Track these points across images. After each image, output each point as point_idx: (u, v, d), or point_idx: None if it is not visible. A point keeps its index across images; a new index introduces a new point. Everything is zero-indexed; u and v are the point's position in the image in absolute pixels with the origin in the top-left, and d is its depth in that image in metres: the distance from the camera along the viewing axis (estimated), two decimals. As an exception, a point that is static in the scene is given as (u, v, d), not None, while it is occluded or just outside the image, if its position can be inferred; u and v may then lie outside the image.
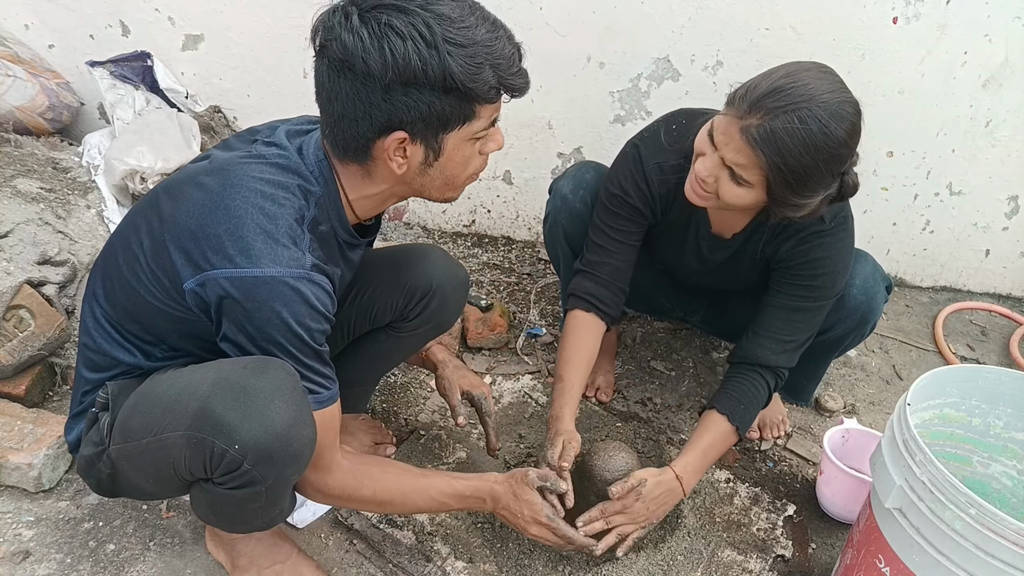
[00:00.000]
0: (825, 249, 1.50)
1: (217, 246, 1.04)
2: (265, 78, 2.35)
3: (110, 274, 1.18)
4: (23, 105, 2.14)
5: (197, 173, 1.13)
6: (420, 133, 1.07)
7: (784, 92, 1.24)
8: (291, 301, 1.05)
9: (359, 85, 1.02)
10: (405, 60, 0.99)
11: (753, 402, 1.57)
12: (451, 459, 1.76)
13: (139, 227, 1.14)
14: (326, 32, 1.03)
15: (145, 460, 1.13)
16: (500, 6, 2.18)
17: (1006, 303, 2.74)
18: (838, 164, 1.29)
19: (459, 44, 1.01)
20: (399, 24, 0.98)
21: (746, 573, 1.55)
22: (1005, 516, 0.99)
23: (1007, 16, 2.18)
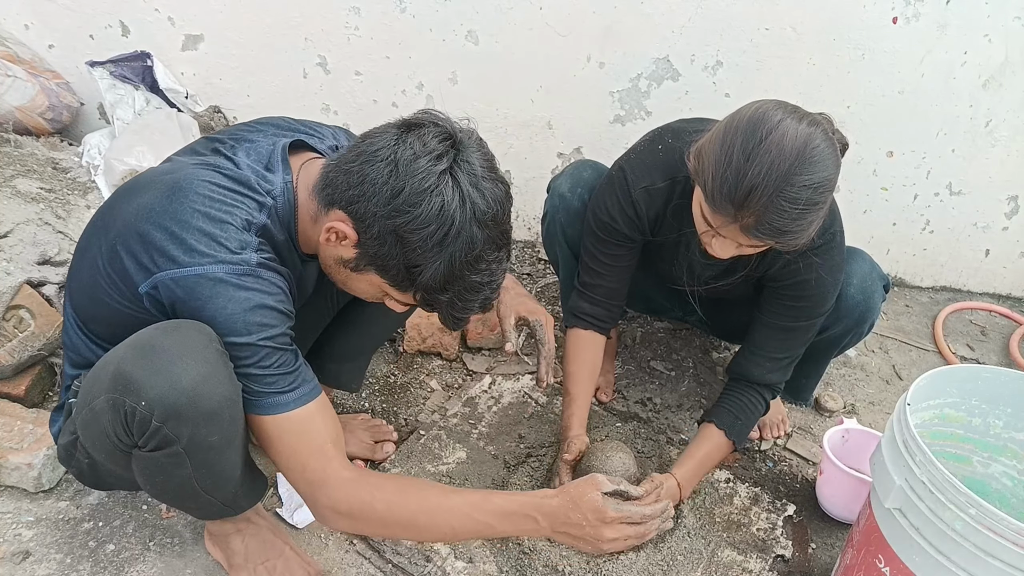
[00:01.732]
0: (814, 269, 1.49)
1: (162, 248, 1.03)
2: (265, 78, 2.35)
3: (77, 276, 1.18)
4: (23, 105, 2.14)
5: (152, 177, 1.13)
6: (363, 251, 1.10)
7: (759, 185, 1.21)
8: (236, 298, 1.04)
9: (382, 185, 1.04)
10: (418, 226, 1.04)
11: (749, 416, 1.64)
12: (451, 459, 1.76)
13: (99, 230, 1.14)
14: (421, 136, 1.05)
15: (89, 435, 1.09)
16: (500, 6, 2.19)
17: (1006, 303, 2.74)
18: (834, 187, 1.28)
19: (452, 265, 1.07)
20: (448, 206, 1.03)
21: (746, 573, 1.55)
22: (1005, 516, 0.99)
23: (1007, 16, 2.18)
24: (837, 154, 1.27)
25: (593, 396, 2.01)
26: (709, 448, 1.62)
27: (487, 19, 2.22)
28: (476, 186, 1.05)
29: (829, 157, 1.24)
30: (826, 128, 1.26)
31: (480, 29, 2.24)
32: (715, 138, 1.28)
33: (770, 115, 1.24)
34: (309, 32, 2.26)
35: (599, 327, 1.71)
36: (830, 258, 1.50)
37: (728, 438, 1.61)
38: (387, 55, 2.29)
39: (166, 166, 1.16)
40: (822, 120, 1.28)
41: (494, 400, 1.98)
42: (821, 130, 1.24)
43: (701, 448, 1.62)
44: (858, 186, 2.51)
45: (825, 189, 1.24)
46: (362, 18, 2.23)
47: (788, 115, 1.24)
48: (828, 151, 1.24)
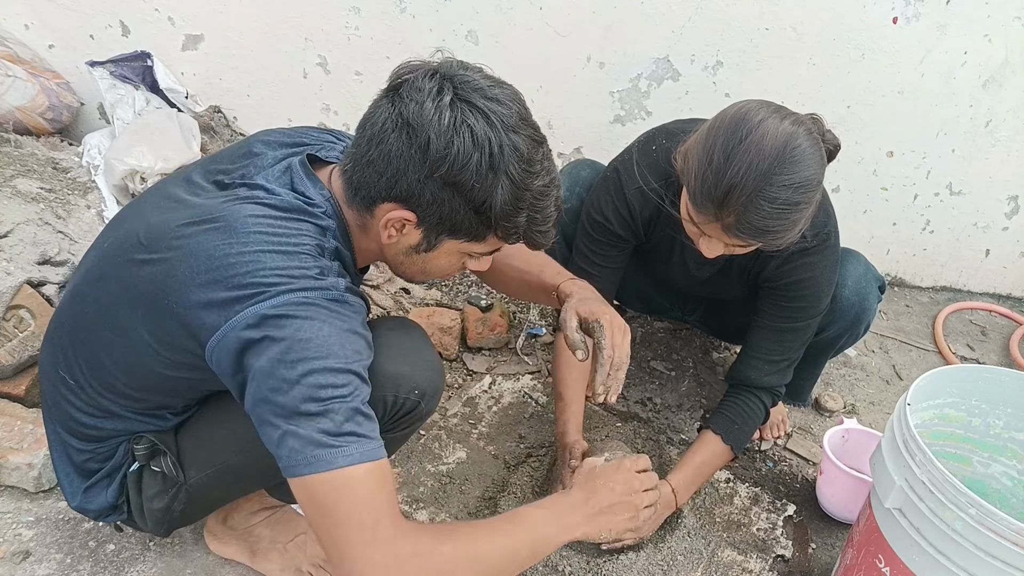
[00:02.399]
0: (809, 269, 1.49)
1: (240, 293, 0.95)
2: (265, 78, 2.35)
3: (92, 354, 1.08)
4: (23, 105, 2.14)
5: (172, 229, 1.02)
6: (428, 224, 1.05)
7: (738, 185, 1.21)
8: (330, 321, 0.95)
9: (408, 151, 0.99)
10: (463, 164, 0.98)
11: (748, 422, 1.62)
12: (451, 459, 1.76)
13: (122, 296, 1.04)
14: (412, 87, 0.99)
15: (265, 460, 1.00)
16: (500, 6, 2.19)
17: (1006, 303, 2.74)
18: (818, 187, 1.27)
19: (514, 181, 1.01)
20: (478, 130, 0.98)
21: (746, 573, 1.55)
22: (1005, 516, 0.99)
23: (1007, 16, 2.18)
24: (821, 154, 1.26)
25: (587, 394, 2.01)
26: (706, 454, 1.60)
27: (487, 19, 2.22)
28: (487, 96, 1.00)
29: (811, 157, 1.23)
30: (810, 128, 1.26)
31: (480, 29, 2.24)
32: (699, 138, 1.30)
33: (752, 115, 1.24)
34: (309, 32, 2.26)
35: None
36: (824, 258, 1.50)
37: (725, 443, 1.59)
38: (387, 55, 2.29)
39: (182, 215, 1.03)
40: (807, 120, 1.28)
41: (494, 400, 1.98)
42: (804, 129, 1.24)
43: (697, 454, 1.61)
44: (858, 186, 2.51)
45: (807, 189, 1.23)
46: (362, 18, 2.23)
47: (771, 115, 1.24)
48: (811, 151, 1.23)
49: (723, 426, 1.61)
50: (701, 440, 1.63)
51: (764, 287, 1.57)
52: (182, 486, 1.18)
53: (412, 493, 1.65)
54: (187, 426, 1.20)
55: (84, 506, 1.21)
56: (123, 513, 1.23)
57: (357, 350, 0.97)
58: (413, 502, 1.62)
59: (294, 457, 0.91)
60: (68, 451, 1.18)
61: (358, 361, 0.97)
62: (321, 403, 0.91)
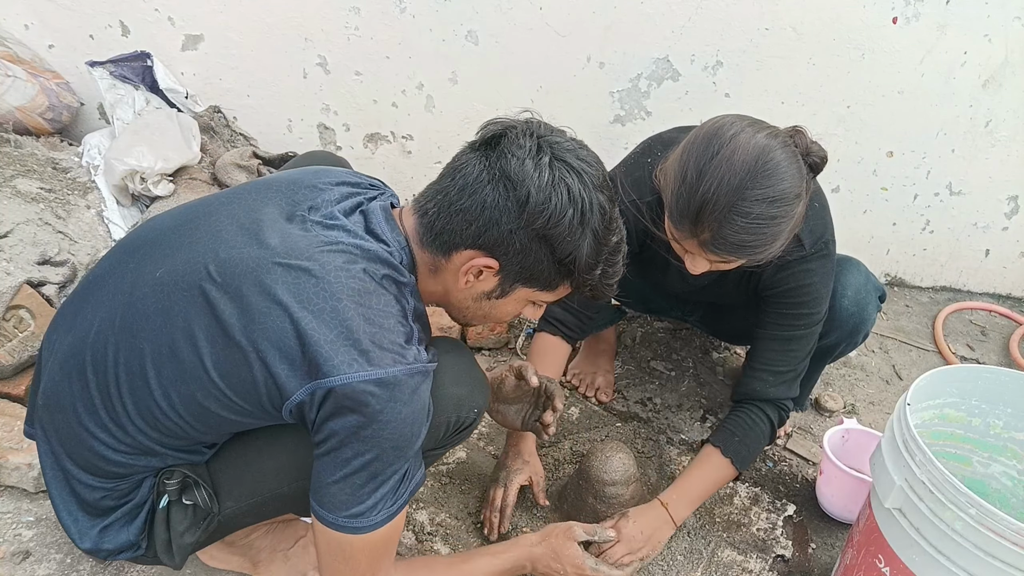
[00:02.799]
0: (807, 276, 1.49)
1: (331, 353, 0.96)
2: (265, 78, 2.35)
3: (140, 391, 1.04)
4: (23, 105, 2.14)
5: (264, 264, 1.00)
6: (508, 273, 1.09)
7: (710, 201, 1.22)
8: (411, 400, 1.00)
9: (504, 202, 1.03)
10: (557, 219, 1.03)
11: (749, 434, 1.57)
12: (451, 459, 1.76)
13: (188, 334, 1.01)
14: (512, 144, 1.05)
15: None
16: (500, 6, 2.19)
17: (1006, 303, 2.74)
18: (797, 200, 1.25)
19: (597, 237, 1.07)
20: (573, 188, 1.04)
21: (746, 573, 1.55)
22: (1005, 516, 0.99)
23: (1007, 16, 2.18)
24: (799, 166, 1.25)
25: (594, 398, 2.01)
26: (703, 468, 1.57)
27: (487, 19, 2.22)
28: (579, 158, 1.07)
29: (786, 170, 1.22)
30: (786, 141, 1.25)
31: (480, 29, 2.24)
32: (676, 155, 1.30)
33: (724, 130, 1.24)
34: (309, 32, 2.26)
35: (568, 335, 1.69)
36: (822, 265, 1.50)
37: (724, 456, 1.54)
38: (387, 55, 2.29)
39: (265, 252, 1.01)
40: (786, 133, 1.27)
41: (494, 400, 1.98)
42: (779, 142, 1.23)
43: (694, 468, 1.58)
44: (858, 186, 2.51)
45: (782, 203, 1.22)
46: (362, 18, 2.23)
47: (744, 129, 1.23)
48: (786, 163, 1.22)
49: (722, 438, 1.57)
50: (700, 454, 1.60)
51: (764, 296, 1.56)
52: (215, 517, 1.17)
53: (412, 493, 1.65)
54: (223, 457, 1.17)
55: (98, 547, 1.15)
56: (140, 549, 1.19)
57: (423, 424, 1.04)
58: (413, 502, 1.62)
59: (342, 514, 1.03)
60: (75, 488, 1.12)
61: (420, 437, 1.05)
62: (378, 481, 1.02)
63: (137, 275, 1.07)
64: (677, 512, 1.53)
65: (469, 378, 1.25)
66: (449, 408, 1.19)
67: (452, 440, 1.28)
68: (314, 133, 2.45)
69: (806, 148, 1.29)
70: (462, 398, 1.21)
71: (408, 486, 1.08)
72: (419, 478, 1.11)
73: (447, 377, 1.18)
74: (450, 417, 1.20)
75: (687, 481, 1.56)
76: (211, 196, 1.17)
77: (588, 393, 2.02)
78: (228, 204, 1.10)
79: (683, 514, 1.54)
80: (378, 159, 2.50)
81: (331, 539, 1.06)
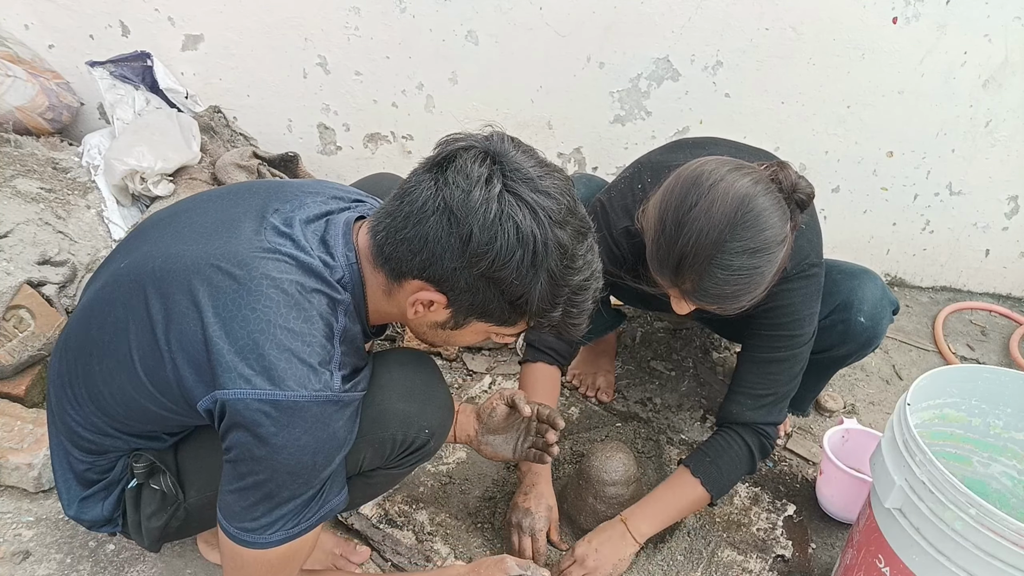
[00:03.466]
0: (788, 296, 1.43)
1: (232, 364, 0.93)
2: (265, 78, 2.35)
3: (90, 376, 1.07)
4: (23, 105, 2.14)
5: (199, 265, 0.98)
6: (459, 308, 1.02)
7: (689, 255, 1.19)
8: (314, 428, 0.95)
9: (447, 238, 0.94)
10: (504, 261, 0.94)
11: (723, 457, 1.51)
12: (451, 459, 1.76)
13: (124, 328, 1.02)
14: (459, 171, 0.94)
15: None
16: (500, 6, 2.19)
17: (1006, 303, 2.74)
18: (781, 245, 1.23)
19: (553, 277, 0.97)
20: (524, 227, 0.93)
21: (746, 573, 1.55)
22: (1005, 516, 0.99)
23: (1007, 16, 2.18)
24: (782, 211, 1.22)
25: (594, 398, 2.01)
26: (672, 488, 1.51)
27: (487, 19, 2.22)
28: (537, 189, 0.95)
29: (769, 218, 1.19)
30: (769, 186, 1.21)
31: (480, 29, 2.24)
32: (656, 201, 1.26)
33: (704, 179, 1.20)
34: (309, 32, 2.26)
35: (559, 362, 1.65)
36: (805, 285, 1.45)
37: (694, 476, 1.49)
38: (387, 55, 2.29)
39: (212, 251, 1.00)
40: (768, 174, 1.23)
41: (494, 400, 1.98)
42: (762, 188, 1.20)
43: (662, 488, 1.52)
44: (858, 186, 2.51)
45: (765, 252, 1.20)
46: (362, 18, 2.23)
47: (724, 177, 1.19)
48: (768, 211, 1.19)
49: (694, 459, 1.52)
50: (672, 475, 1.55)
51: (746, 316, 1.49)
52: (180, 505, 1.17)
53: (412, 493, 1.64)
54: (188, 446, 1.18)
55: (79, 516, 1.20)
56: (118, 526, 1.22)
57: (333, 453, 1.00)
58: (413, 502, 1.62)
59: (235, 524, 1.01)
60: (69, 459, 1.17)
61: (329, 467, 1.00)
62: (273, 502, 0.99)
63: (115, 263, 1.10)
64: (637, 528, 1.48)
65: (422, 395, 1.17)
66: (393, 424, 1.13)
67: (403, 463, 1.20)
68: (314, 133, 2.45)
69: (792, 186, 1.25)
70: (410, 415, 1.14)
71: (316, 509, 1.03)
72: (337, 502, 1.07)
73: (395, 391, 1.13)
74: (395, 435, 1.13)
75: (652, 499, 1.51)
76: (204, 192, 1.18)
77: (588, 393, 2.02)
78: (210, 202, 1.11)
79: (644, 531, 1.48)
80: (378, 159, 2.50)
81: (226, 545, 1.04)
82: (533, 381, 1.62)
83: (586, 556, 1.44)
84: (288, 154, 2.30)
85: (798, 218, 1.28)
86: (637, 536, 1.47)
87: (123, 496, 1.19)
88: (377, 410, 1.10)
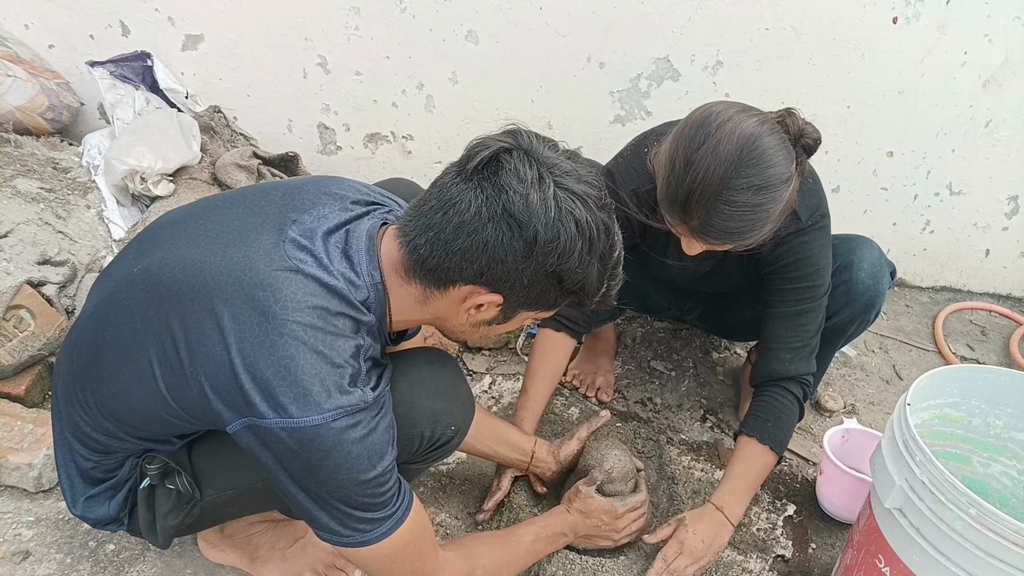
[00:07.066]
0: (806, 248, 1.50)
1: (266, 392, 0.92)
2: (265, 78, 2.35)
3: (104, 382, 1.06)
4: (23, 105, 2.14)
5: (221, 283, 0.97)
6: (512, 303, 1.04)
7: (696, 190, 1.24)
8: (362, 438, 0.96)
9: (510, 242, 0.96)
10: (568, 254, 0.97)
11: (780, 416, 1.54)
12: (451, 459, 1.76)
13: (143, 340, 1.01)
14: (512, 176, 0.95)
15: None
16: (500, 6, 2.19)
17: (1006, 303, 2.74)
18: (786, 185, 1.27)
19: (603, 259, 1.02)
20: (581, 218, 0.97)
21: (746, 573, 1.55)
22: (1005, 516, 0.99)
23: (1007, 16, 2.18)
24: (788, 151, 1.26)
25: (594, 397, 2.01)
26: (745, 461, 1.53)
27: (487, 19, 2.22)
28: (580, 179, 0.99)
29: (774, 156, 1.23)
30: (775, 127, 1.26)
31: (480, 29, 2.24)
32: (667, 143, 1.32)
33: (712, 119, 1.25)
34: (309, 32, 2.26)
35: (572, 330, 1.70)
36: (819, 237, 1.51)
37: (762, 443, 1.51)
38: (387, 55, 2.29)
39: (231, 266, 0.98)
40: (776, 117, 1.28)
41: (494, 400, 1.98)
42: (768, 128, 1.24)
43: (735, 464, 1.54)
44: (858, 186, 2.51)
45: (770, 189, 1.24)
46: (362, 18, 2.23)
47: (731, 117, 1.24)
48: (773, 150, 1.23)
49: (755, 427, 1.53)
50: (737, 448, 1.56)
51: (766, 275, 1.57)
52: (197, 503, 1.17)
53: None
54: (205, 445, 1.17)
55: (85, 514, 1.19)
56: (123, 524, 1.22)
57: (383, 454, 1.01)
58: (413, 502, 1.62)
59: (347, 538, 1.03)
60: (74, 455, 1.16)
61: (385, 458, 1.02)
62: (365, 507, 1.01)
63: (127, 266, 1.09)
64: (732, 512, 1.50)
65: (449, 393, 1.22)
66: (423, 421, 1.16)
67: (427, 457, 1.24)
68: (314, 133, 2.45)
69: (799, 131, 1.29)
70: (439, 413, 1.18)
71: (394, 489, 1.05)
72: (404, 486, 1.09)
73: (424, 390, 1.17)
74: (423, 431, 1.17)
75: (733, 479, 1.53)
76: (217, 195, 1.17)
77: (588, 393, 2.02)
78: (225, 207, 1.09)
79: (738, 513, 1.51)
80: (378, 159, 2.50)
81: (360, 556, 1.06)
82: (546, 347, 1.69)
83: (694, 546, 1.45)
84: (288, 154, 2.30)
85: (805, 163, 1.33)
86: (734, 520, 1.50)
87: (130, 495, 1.19)
88: (408, 407, 1.12)
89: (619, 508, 1.47)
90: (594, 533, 1.46)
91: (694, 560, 1.45)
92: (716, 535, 1.48)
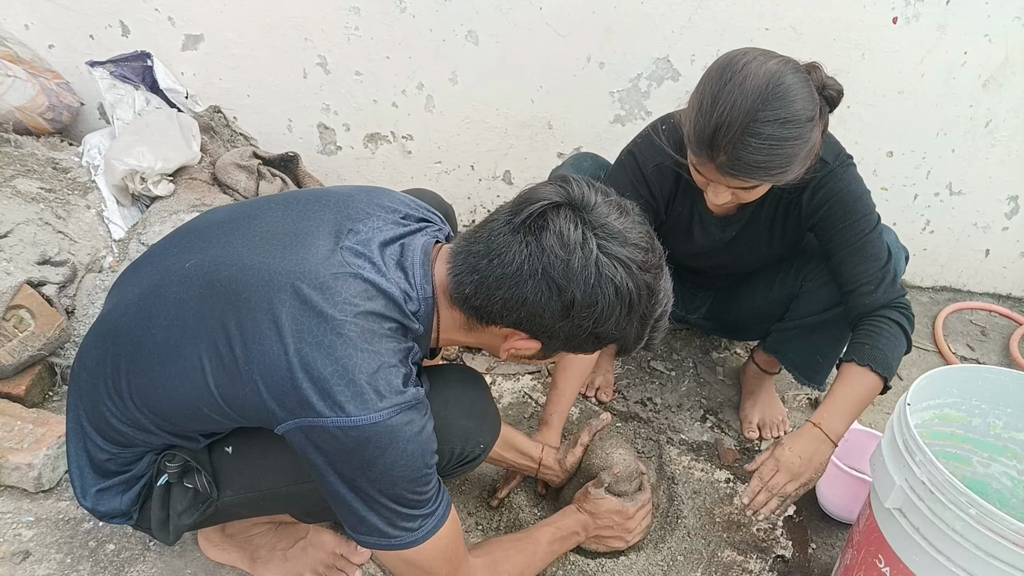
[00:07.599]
0: (845, 183, 1.51)
1: (323, 391, 0.93)
2: (265, 78, 2.35)
3: (146, 375, 1.06)
4: (23, 105, 2.14)
5: (279, 283, 0.98)
6: (554, 349, 1.08)
7: (723, 124, 1.27)
8: (411, 440, 0.99)
9: (548, 301, 0.98)
10: (604, 319, 0.99)
11: (880, 338, 1.48)
12: (451, 459, 1.76)
13: (195, 337, 1.01)
14: (556, 236, 0.96)
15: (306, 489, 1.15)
16: (500, 6, 2.19)
17: (1006, 303, 2.74)
18: (810, 123, 1.30)
19: (643, 318, 1.03)
20: (621, 284, 0.98)
21: (746, 573, 1.55)
22: (1005, 516, 0.99)
23: (1007, 16, 2.18)
24: (811, 92, 1.30)
25: (594, 397, 2.01)
26: (846, 383, 1.46)
27: (487, 19, 2.22)
28: (626, 242, 0.99)
29: (797, 93, 1.27)
30: (798, 67, 1.30)
31: (480, 29, 2.24)
32: (694, 90, 1.36)
33: (737, 59, 1.30)
34: (309, 32, 2.26)
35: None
36: (851, 172, 1.52)
37: (861, 365, 1.44)
38: (387, 55, 2.29)
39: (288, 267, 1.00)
40: (798, 63, 1.32)
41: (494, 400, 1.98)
42: (791, 68, 1.29)
43: (836, 386, 1.47)
44: (858, 186, 2.51)
45: (794, 124, 1.27)
46: (362, 18, 2.23)
47: (755, 58, 1.29)
48: (796, 87, 1.27)
49: (853, 351, 1.48)
50: (839, 373, 1.50)
51: (814, 224, 1.57)
52: (213, 503, 1.18)
53: (412, 493, 1.65)
54: (226, 446, 1.18)
55: (95, 507, 1.19)
56: (132, 519, 1.22)
57: (430, 452, 1.04)
58: (413, 502, 1.62)
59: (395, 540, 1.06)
60: (88, 445, 1.16)
61: (432, 458, 1.05)
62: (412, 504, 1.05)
63: (174, 260, 1.09)
64: (832, 428, 1.44)
65: (480, 412, 1.26)
66: (455, 439, 1.19)
67: (453, 472, 1.27)
68: (314, 133, 2.45)
69: (822, 82, 1.33)
70: (470, 431, 1.23)
71: (436, 486, 1.08)
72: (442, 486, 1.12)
73: (458, 408, 1.21)
74: (455, 447, 1.20)
75: (833, 399, 1.47)
76: (266, 198, 1.19)
77: (588, 393, 2.02)
78: (277, 209, 1.11)
79: (839, 429, 1.44)
80: (378, 159, 2.50)
81: (399, 560, 1.09)
82: (568, 363, 1.69)
83: (791, 462, 1.41)
84: (288, 154, 2.30)
85: (827, 114, 1.36)
86: (834, 437, 1.44)
87: (143, 491, 1.19)
88: (442, 423, 1.12)
89: (630, 508, 1.49)
90: (605, 534, 1.49)
91: (793, 476, 1.40)
92: (816, 451, 1.42)
